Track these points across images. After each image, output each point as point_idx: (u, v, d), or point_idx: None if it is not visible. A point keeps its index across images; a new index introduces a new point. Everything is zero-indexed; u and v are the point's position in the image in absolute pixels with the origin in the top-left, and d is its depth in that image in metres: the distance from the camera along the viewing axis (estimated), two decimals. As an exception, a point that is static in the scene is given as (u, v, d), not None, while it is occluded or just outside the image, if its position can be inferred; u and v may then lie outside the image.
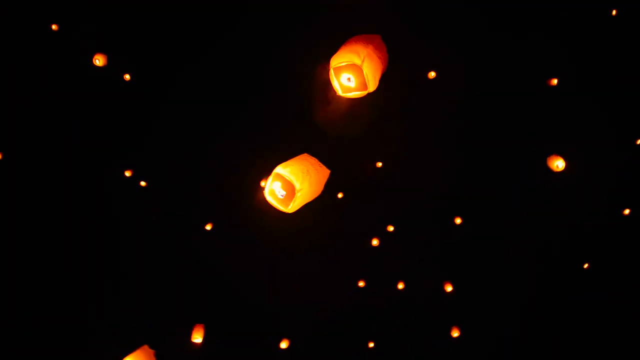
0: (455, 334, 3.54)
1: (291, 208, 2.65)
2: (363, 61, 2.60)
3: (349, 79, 2.74)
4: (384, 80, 2.80)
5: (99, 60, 3.31)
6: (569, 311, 3.67)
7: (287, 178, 2.58)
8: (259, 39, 3.45)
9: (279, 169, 2.62)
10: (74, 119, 3.52)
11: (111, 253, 3.64)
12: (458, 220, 3.58)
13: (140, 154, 3.58)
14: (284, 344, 3.48)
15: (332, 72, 2.75)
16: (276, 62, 3.45)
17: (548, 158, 3.25)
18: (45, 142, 3.55)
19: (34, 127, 3.52)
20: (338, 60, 2.67)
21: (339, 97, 2.83)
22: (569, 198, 3.56)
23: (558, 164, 3.20)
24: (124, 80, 3.43)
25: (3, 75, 3.45)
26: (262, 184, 3.21)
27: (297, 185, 2.59)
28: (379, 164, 3.55)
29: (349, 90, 2.77)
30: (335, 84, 2.77)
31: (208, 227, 3.60)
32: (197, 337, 3.43)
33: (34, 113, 3.50)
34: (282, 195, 2.62)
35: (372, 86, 2.69)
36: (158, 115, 3.57)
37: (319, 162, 2.75)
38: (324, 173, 2.75)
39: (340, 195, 3.53)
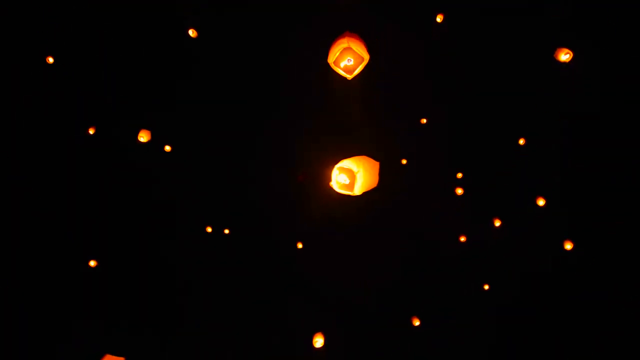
0: None
1: (357, 190, 3.07)
2: (348, 43, 3.08)
3: (348, 60, 3.14)
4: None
5: (143, 138, 3.36)
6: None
7: (347, 167, 3.06)
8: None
9: (339, 165, 3.07)
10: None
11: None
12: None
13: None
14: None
15: (333, 66, 3.12)
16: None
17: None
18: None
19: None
20: (333, 54, 3.07)
21: (351, 80, 3.17)
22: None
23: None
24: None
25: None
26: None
27: (355, 168, 3.08)
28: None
29: (353, 68, 3.15)
30: (342, 73, 3.14)
31: None
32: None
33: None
34: (346, 181, 3.06)
35: (365, 55, 3.11)
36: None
37: (366, 157, 3.11)
38: (374, 164, 3.12)
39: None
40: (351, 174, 3.07)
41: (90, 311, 3.59)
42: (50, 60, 3.45)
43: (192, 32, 3.43)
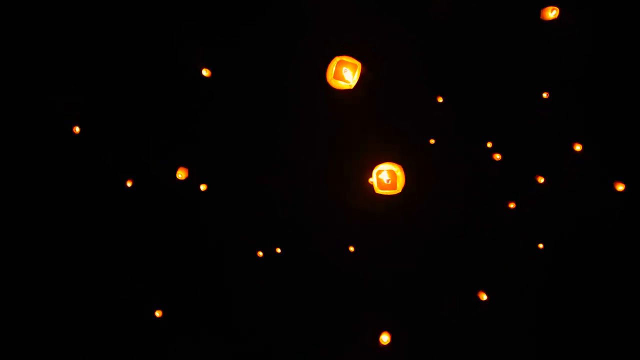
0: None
1: (399, 187, 3.25)
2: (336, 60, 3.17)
3: (344, 71, 3.17)
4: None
5: (181, 175, 3.42)
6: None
7: (387, 169, 3.24)
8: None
9: (377, 169, 3.27)
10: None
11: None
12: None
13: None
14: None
15: (334, 82, 3.18)
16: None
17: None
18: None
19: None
20: (329, 72, 3.13)
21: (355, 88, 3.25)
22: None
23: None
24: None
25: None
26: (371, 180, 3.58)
27: (395, 169, 3.26)
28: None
29: (349, 79, 3.21)
30: (343, 84, 3.22)
31: None
32: None
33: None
34: (388, 181, 3.23)
35: (357, 62, 3.19)
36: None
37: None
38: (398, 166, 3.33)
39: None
40: (392, 174, 3.20)
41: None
42: (77, 129, 3.59)
43: (205, 72, 3.51)
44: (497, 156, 3.74)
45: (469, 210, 3.83)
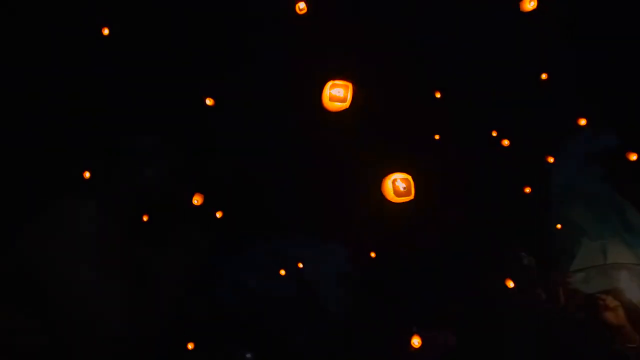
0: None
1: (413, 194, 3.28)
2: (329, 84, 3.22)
3: (339, 92, 3.21)
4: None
5: (197, 201, 3.38)
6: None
7: (401, 177, 3.27)
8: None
9: (392, 178, 3.31)
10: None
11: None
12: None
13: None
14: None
15: (330, 104, 3.22)
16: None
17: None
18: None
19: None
20: (324, 96, 3.19)
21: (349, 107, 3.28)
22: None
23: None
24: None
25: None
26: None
27: (410, 177, 3.29)
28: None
29: (344, 97, 3.23)
30: (338, 105, 3.24)
31: None
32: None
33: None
34: (404, 188, 3.26)
35: (347, 83, 3.22)
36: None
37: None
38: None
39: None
40: (407, 181, 3.25)
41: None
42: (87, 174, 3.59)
43: (209, 101, 3.61)
44: (506, 142, 3.78)
45: (485, 202, 3.83)
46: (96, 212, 1.92)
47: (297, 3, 3.43)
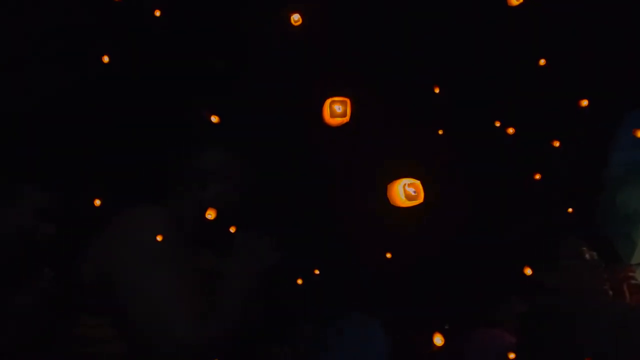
0: None
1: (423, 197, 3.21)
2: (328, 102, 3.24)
3: (338, 108, 3.23)
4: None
5: (211, 215, 3.55)
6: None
7: (409, 182, 3.19)
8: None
9: (402, 182, 3.23)
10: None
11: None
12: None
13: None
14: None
15: (331, 120, 3.26)
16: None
17: None
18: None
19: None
20: (325, 113, 3.23)
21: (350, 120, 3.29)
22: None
23: None
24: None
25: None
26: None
27: (419, 182, 3.22)
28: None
29: (343, 113, 3.26)
30: (340, 119, 3.26)
31: None
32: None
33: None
34: (414, 192, 3.19)
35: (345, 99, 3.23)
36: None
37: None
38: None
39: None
40: (416, 186, 3.19)
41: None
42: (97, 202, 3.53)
43: (214, 118, 3.67)
44: (511, 130, 3.79)
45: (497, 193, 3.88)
46: (166, 221, 2.03)
47: (291, 15, 3.46)
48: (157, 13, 3.57)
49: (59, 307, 2.31)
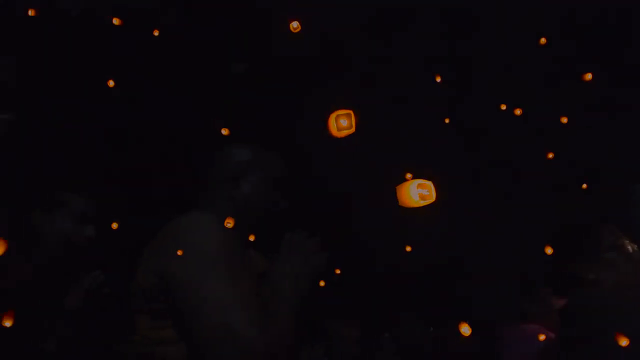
0: None
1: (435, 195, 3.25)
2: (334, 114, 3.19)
3: (344, 121, 3.20)
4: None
5: (229, 223, 3.50)
6: None
7: (420, 181, 3.25)
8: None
9: (415, 183, 3.29)
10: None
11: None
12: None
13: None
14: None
15: (337, 132, 3.21)
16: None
17: None
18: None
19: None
20: (332, 126, 3.18)
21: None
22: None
23: None
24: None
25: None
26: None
27: (428, 182, 3.27)
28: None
29: (349, 125, 3.22)
30: (346, 131, 3.20)
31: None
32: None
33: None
34: (427, 192, 3.24)
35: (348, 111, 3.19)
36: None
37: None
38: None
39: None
40: (427, 186, 3.22)
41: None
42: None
43: (224, 131, 3.71)
44: (518, 111, 3.78)
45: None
46: (218, 224, 2.00)
47: (290, 22, 3.46)
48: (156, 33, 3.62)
49: (116, 309, 2.36)
